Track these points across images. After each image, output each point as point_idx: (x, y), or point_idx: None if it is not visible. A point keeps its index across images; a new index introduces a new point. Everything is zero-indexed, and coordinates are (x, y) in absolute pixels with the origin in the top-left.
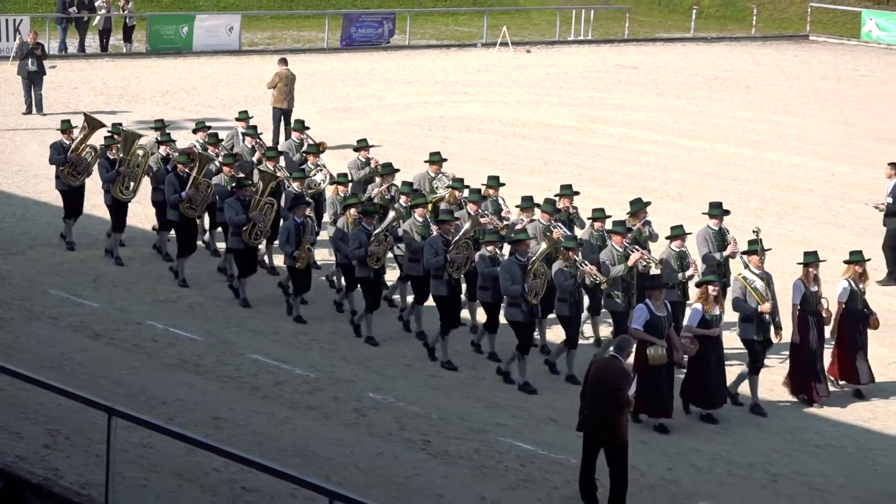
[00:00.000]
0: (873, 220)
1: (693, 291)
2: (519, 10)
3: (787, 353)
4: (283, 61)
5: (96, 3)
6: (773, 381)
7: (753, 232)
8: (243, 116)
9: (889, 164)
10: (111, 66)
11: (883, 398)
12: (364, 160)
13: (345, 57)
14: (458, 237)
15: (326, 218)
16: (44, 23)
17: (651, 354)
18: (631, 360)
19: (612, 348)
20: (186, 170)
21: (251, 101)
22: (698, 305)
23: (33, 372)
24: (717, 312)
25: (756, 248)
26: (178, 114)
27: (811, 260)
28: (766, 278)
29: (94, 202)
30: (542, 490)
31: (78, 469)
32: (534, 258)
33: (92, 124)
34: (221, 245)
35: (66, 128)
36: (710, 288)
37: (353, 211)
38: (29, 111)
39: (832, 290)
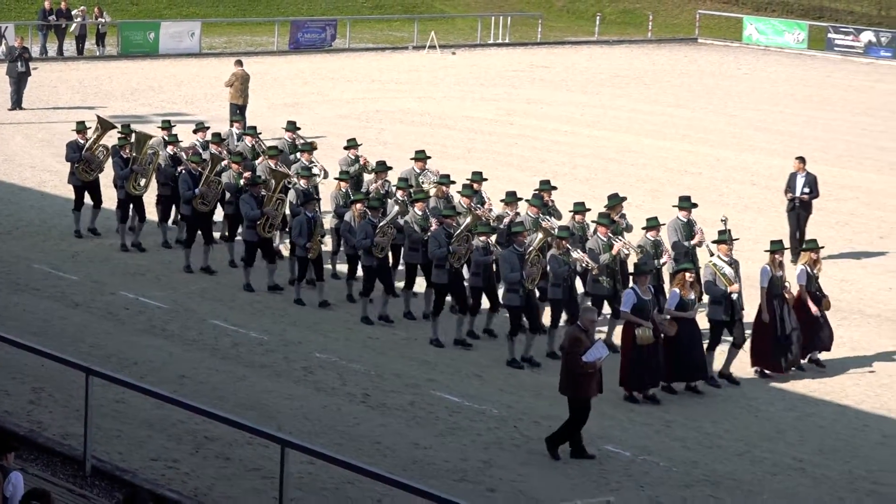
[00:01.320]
0: (754, 199)
1: (666, 277)
2: (445, 17)
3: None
4: (239, 62)
5: (73, 12)
6: (740, 358)
7: (722, 221)
8: (237, 118)
9: (797, 157)
10: (86, 67)
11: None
12: (353, 157)
13: (293, 59)
14: (459, 230)
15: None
16: (27, 29)
17: (639, 335)
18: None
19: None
20: (199, 168)
21: (210, 98)
22: (676, 290)
23: (19, 337)
24: (693, 297)
25: (725, 237)
26: (145, 109)
27: (776, 248)
28: (735, 264)
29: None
30: (468, 437)
31: (59, 422)
32: (530, 248)
33: (105, 126)
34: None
35: (81, 129)
36: (687, 274)
37: (359, 206)
38: (14, 107)
39: (747, 268)
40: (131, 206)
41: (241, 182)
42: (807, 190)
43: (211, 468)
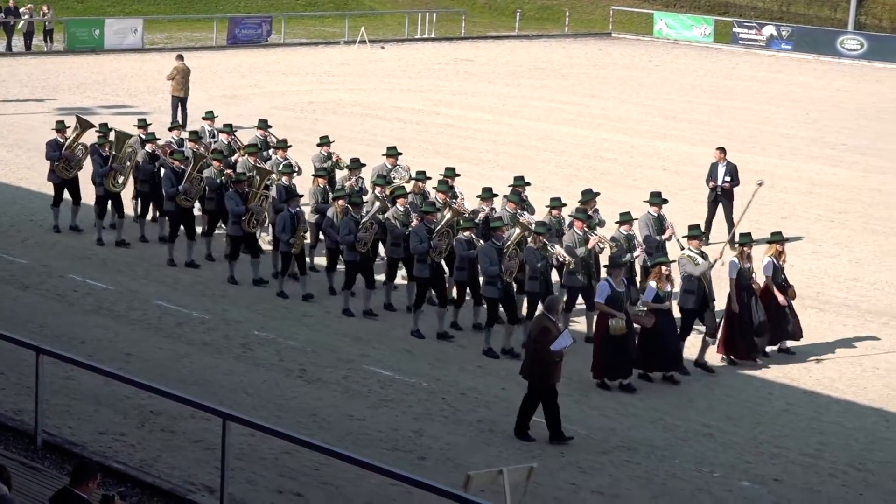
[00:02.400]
0: (665, 184)
1: (639, 269)
2: (374, 13)
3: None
4: (180, 57)
5: (21, 10)
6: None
7: (758, 185)
8: (209, 116)
9: (717, 148)
10: (34, 62)
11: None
12: (326, 154)
13: (230, 53)
14: (440, 226)
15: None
16: None
17: (612, 325)
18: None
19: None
20: (182, 166)
21: (153, 91)
22: (653, 283)
23: None
24: (669, 289)
25: (697, 233)
26: (90, 102)
27: (746, 241)
28: (705, 256)
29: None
30: (399, 408)
31: (12, 399)
32: (508, 242)
33: (83, 125)
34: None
35: (61, 128)
36: (663, 268)
37: (341, 202)
38: None
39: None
40: (109, 203)
41: (223, 179)
42: (728, 178)
43: (156, 440)
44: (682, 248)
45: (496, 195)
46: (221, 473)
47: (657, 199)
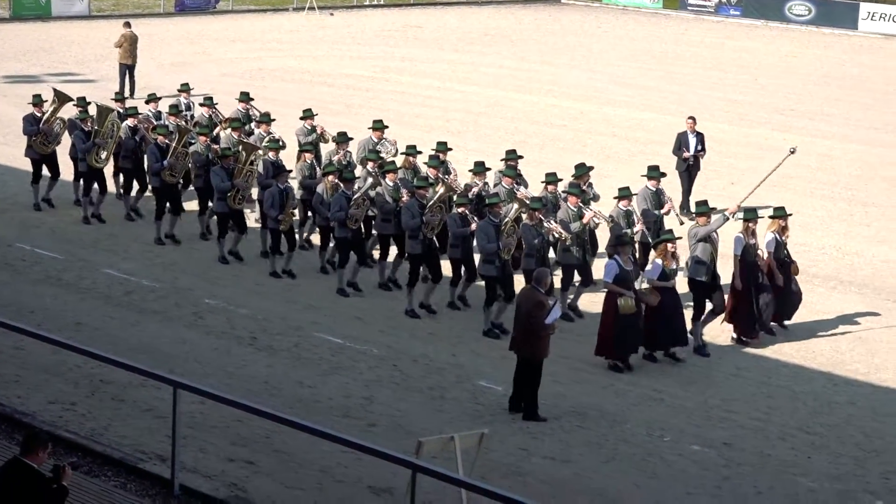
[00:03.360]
0: (614, 149)
1: (637, 247)
2: None
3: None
4: (128, 24)
5: None
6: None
7: (791, 151)
8: (185, 88)
9: (688, 117)
10: None
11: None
12: (310, 128)
13: (178, 20)
14: (432, 201)
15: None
16: None
17: (621, 304)
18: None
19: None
20: (167, 140)
21: (101, 58)
22: (658, 260)
23: None
24: (674, 266)
25: (705, 209)
26: (37, 70)
27: (751, 217)
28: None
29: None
30: (350, 375)
31: None
32: (506, 219)
33: (61, 98)
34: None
35: (38, 102)
36: (669, 245)
37: (331, 178)
38: None
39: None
40: (95, 177)
41: (209, 154)
42: (699, 147)
43: (107, 409)
44: (682, 223)
45: (489, 169)
46: (172, 442)
47: (655, 172)
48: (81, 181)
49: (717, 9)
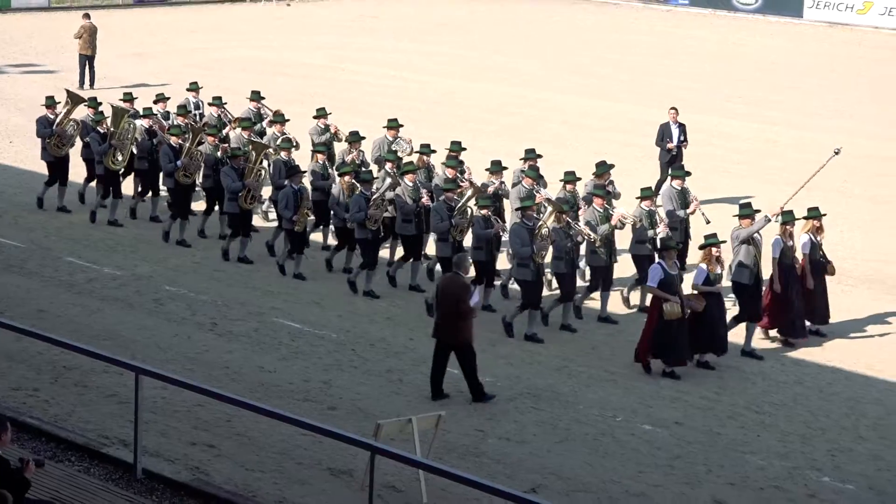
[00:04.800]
0: (567, 137)
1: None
2: None
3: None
4: (87, 16)
5: None
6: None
7: (835, 152)
8: (193, 87)
9: (671, 108)
10: None
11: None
12: (323, 127)
13: (138, 11)
14: (460, 204)
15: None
16: None
17: (667, 310)
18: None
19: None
20: (180, 141)
21: (60, 49)
22: (703, 265)
23: None
24: (719, 271)
25: (749, 211)
26: None
27: (788, 219)
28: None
29: None
30: (310, 360)
31: None
32: (540, 222)
33: (74, 100)
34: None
35: (51, 103)
36: (714, 249)
37: (346, 178)
38: None
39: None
40: (110, 180)
41: (219, 155)
42: (682, 138)
43: (70, 395)
44: (708, 222)
45: (506, 168)
46: (135, 427)
47: (680, 171)
48: (95, 183)
49: None
